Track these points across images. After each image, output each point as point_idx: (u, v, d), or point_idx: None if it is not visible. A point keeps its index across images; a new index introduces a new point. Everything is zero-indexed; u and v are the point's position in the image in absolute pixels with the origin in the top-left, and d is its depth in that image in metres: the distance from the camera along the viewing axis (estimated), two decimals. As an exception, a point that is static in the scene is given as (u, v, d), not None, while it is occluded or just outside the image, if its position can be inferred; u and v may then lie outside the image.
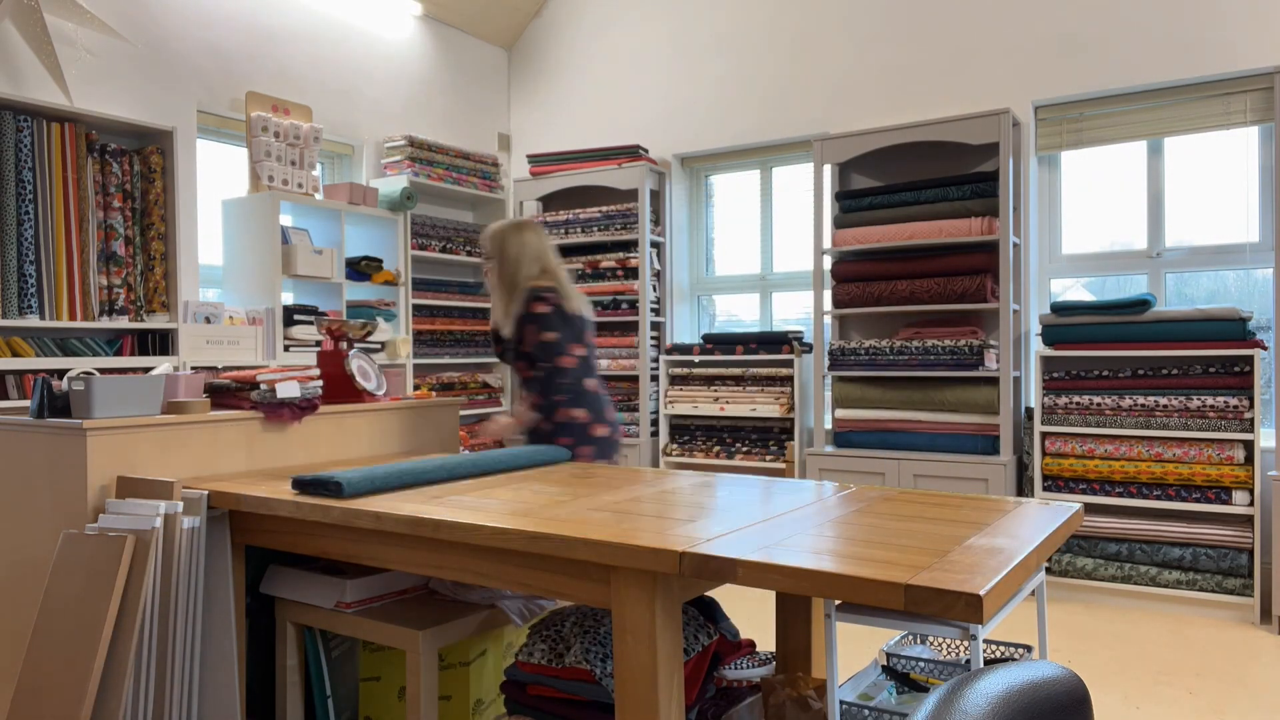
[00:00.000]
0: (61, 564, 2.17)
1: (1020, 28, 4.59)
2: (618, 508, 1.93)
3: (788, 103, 5.23)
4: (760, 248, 5.53)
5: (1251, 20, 4.07)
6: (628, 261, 5.45)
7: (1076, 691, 0.89)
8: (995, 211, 4.38)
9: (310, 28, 5.00)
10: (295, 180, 4.60)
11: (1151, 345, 4.07)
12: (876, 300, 4.64)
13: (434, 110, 5.77)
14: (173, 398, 2.57)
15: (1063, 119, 4.58)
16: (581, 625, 2.02)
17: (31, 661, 2.13)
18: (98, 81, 4.05)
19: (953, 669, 2.04)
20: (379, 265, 5.02)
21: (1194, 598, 3.96)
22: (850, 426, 4.73)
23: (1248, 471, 3.87)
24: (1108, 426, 4.14)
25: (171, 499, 2.19)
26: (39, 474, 2.33)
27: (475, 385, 5.65)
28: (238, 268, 4.48)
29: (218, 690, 2.26)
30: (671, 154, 5.65)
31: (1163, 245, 4.43)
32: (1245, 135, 4.25)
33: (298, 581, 2.38)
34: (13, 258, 3.53)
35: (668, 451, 5.30)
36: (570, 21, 6.02)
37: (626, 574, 1.63)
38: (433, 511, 1.89)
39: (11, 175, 3.53)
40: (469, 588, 2.34)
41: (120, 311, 3.84)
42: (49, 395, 2.38)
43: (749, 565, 1.48)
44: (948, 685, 0.82)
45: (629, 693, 1.64)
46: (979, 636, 1.59)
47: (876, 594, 1.36)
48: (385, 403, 3.00)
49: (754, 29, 5.34)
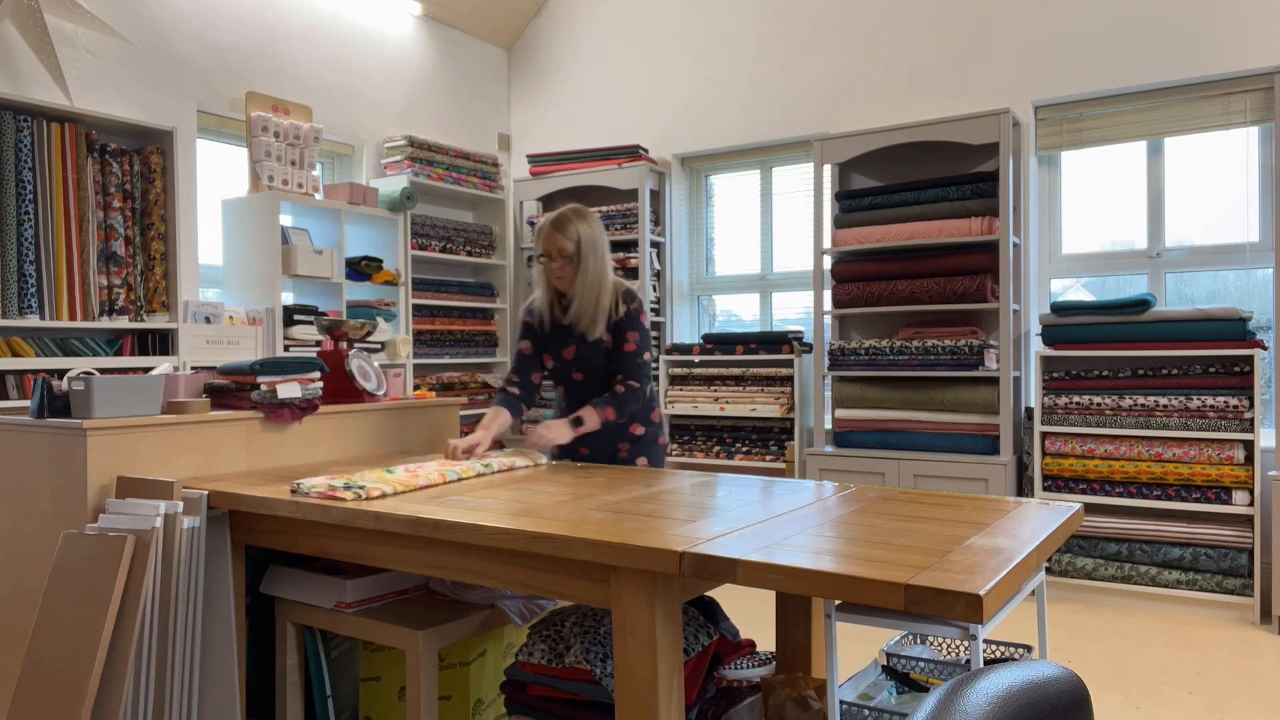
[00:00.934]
0: (61, 564, 2.17)
1: (1020, 28, 4.59)
2: (618, 508, 1.93)
3: (788, 103, 5.23)
4: (760, 248, 5.53)
5: (1251, 20, 4.07)
6: (628, 261, 5.45)
7: (1076, 691, 0.89)
8: (995, 211, 4.38)
9: (310, 28, 5.00)
10: (295, 180, 4.60)
11: (1151, 345, 4.07)
12: (876, 300, 4.64)
13: (434, 110, 5.77)
14: (173, 398, 2.57)
15: (1063, 119, 4.58)
16: (581, 625, 2.02)
17: (31, 661, 2.13)
18: (98, 81, 4.05)
19: (953, 669, 2.04)
20: (379, 265, 5.02)
21: (1194, 598, 3.96)
22: (850, 426, 4.73)
23: (1248, 471, 3.87)
24: (1108, 426, 4.14)
25: (171, 499, 2.19)
26: (39, 474, 2.33)
27: (475, 385, 5.65)
28: (238, 268, 4.48)
29: (218, 690, 2.26)
30: (671, 154, 5.65)
31: (1163, 245, 4.43)
32: (1245, 135, 4.25)
33: (298, 581, 2.38)
34: (13, 258, 3.53)
35: (668, 451, 5.31)
36: (570, 21, 6.02)
37: (626, 574, 1.63)
38: (433, 511, 1.89)
39: (11, 175, 3.54)
40: (469, 588, 2.34)
41: (120, 311, 3.84)
42: (49, 395, 2.38)
43: (749, 565, 1.48)
44: (948, 685, 0.82)
45: (629, 693, 1.64)
46: (979, 636, 1.59)
47: (876, 594, 1.36)
48: (385, 403, 3.00)
49: (754, 29, 5.34)
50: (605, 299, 2.73)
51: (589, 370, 2.79)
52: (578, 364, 2.80)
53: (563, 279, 2.74)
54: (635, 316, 2.76)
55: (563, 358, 2.82)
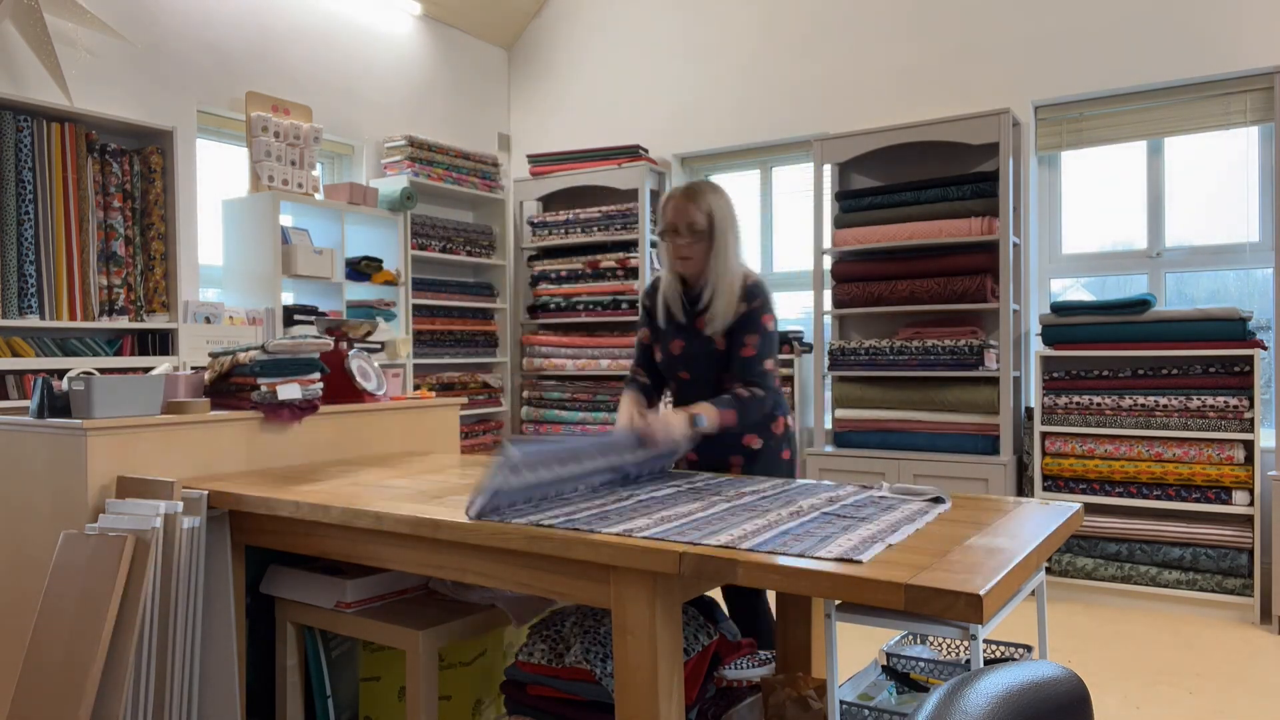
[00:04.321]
0: (61, 564, 2.17)
1: (1020, 28, 4.59)
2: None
3: (788, 102, 5.23)
4: (760, 248, 5.53)
5: (1251, 20, 4.07)
6: (628, 261, 5.45)
7: (1076, 691, 0.89)
8: (995, 211, 4.38)
9: (310, 28, 5.00)
10: (295, 180, 4.60)
11: (1151, 345, 4.07)
12: (876, 300, 4.64)
13: (434, 110, 5.77)
14: (173, 398, 2.57)
15: (1063, 119, 4.58)
16: (581, 625, 2.02)
17: (31, 661, 2.13)
18: (98, 81, 4.05)
19: (953, 669, 2.04)
20: (379, 265, 5.02)
21: (1194, 598, 3.96)
22: (850, 426, 4.73)
23: (1248, 471, 3.87)
24: (1108, 426, 4.14)
25: (171, 499, 2.19)
26: (39, 474, 2.33)
27: (475, 385, 5.65)
28: (238, 268, 4.48)
29: (218, 690, 2.26)
30: (671, 154, 5.65)
31: (1163, 245, 4.43)
32: (1245, 135, 4.25)
33: (298, 581, 2.38)
34: (13, 258, 3.53)
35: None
36: (570, 21, 6.02)
37: (626, 574, 1.63)
38: (433, 511, 1.89)
39: (11, 175, 3.53)
40: (469, 588, 2.34)
41: (120, 311, 3.84)
42: (49, 395, 2.38)
43: (749, 565, 1.48)
44: (948, 685, 0.82)
45: (629, 693, 1.64)
46: (979, 636, 1.59)
47: (876, 594, 1.36)
48: (385, 403, 3.00)
49: (754, 29, 5.34)
50: (737, 290, 2.40)
51: (697, 371, 2.46)
52: (685, 362, 2.47)
53: (690, 260, 2.40)
54: (757, 316, 2.40)
55: (670, 352, 2.50)
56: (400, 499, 2.05)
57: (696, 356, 2.45)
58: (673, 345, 2.49)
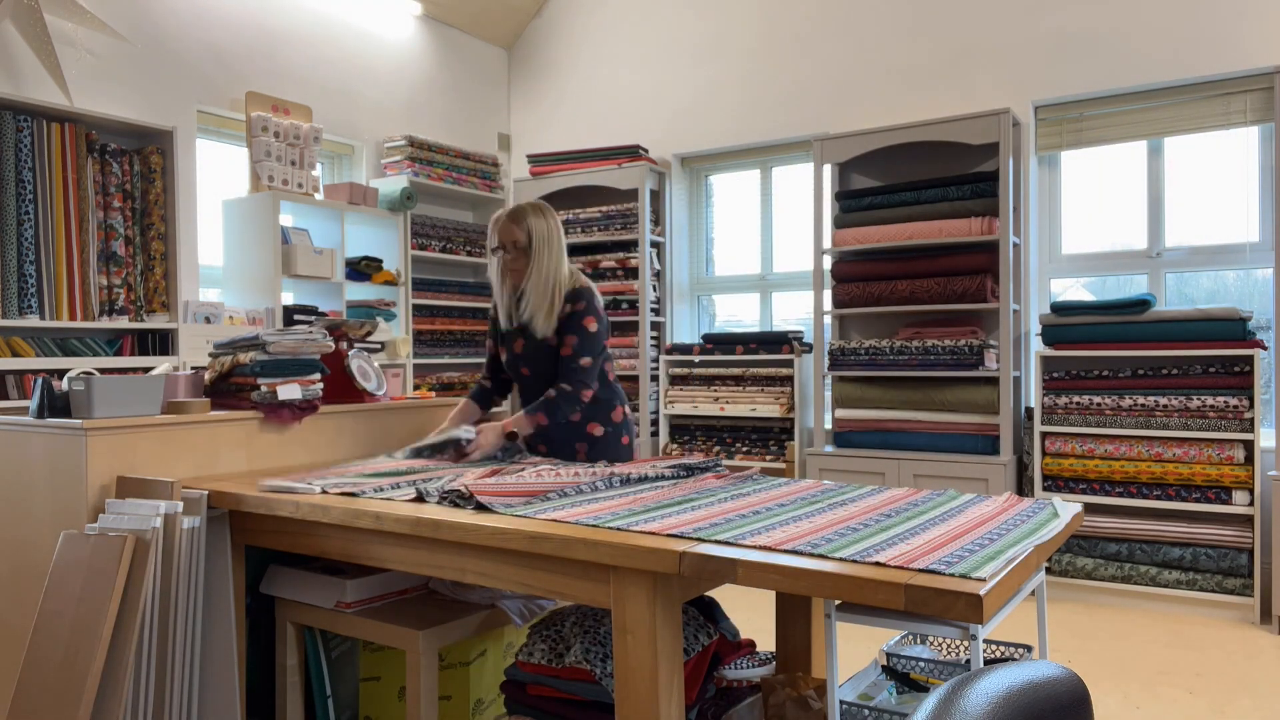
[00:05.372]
0: (61, 564, 2.17)
1: (1020, 28, 4.59)
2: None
3: (788, 103, 5.23)
4: (760, 248, 5.53)
5: (1251, 20, 4.07)
6: (628, 261, 5.45)
7: (1076, 691, 0.89)
8: (995, 211, 4.38)
9: (310, 28, 5.00)
10: (295, 180, 4.60)
11: (1151, 345, 4.07)
12: (876, 300, 4.64)
13: (434, 110, 5.77)
14: (173, 398, 2.57)
15: (1063, 119, 4.58)
16: (581, 625, 2.02)
17: (31, 661, 2.13)
18: (98, 81, 4.05)
19: (953, 669, 2.04)
20: (379, 265, 5.02)
21: (1194, 598, 3.95)
22: (850, 426, 4.73)
23: (1248, 471, 3.87)
24: (1108, 426, 4.14)
25: (171, 499, 2.19)
26: (39, 474, 2.33)
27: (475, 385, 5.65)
28: (238, 268, 4.48)
29: (218, 690, 2.26)
30: (671, 154, 5.65)
31: (1163, 245, 4.43)
32: (1245, 135, 4.25)
33: (298, 581, 2.38)
34: (13, 258, 3.53)
35: (668, 451, 5.30)
36: (570, 21, 6.02)
37: (626, 574, 1.63)
38: (433, 511, 1.89)
39: (11, 175, 3.53)
40: (469, 588, 2.34)
41: (120, 311, 3.84)
42: (49, 395, 2.38)
43: (749, 565, 1.48)
44: (948, 685, 0.82)
45: (629, 693, 1.64)
46: (979, 636, 1.59)
47: (876, 594, 1.36)
48: (385, 403, 3.00)
49: (754, 29, 5.34)
50: (557, 297, 2.72)
51: (535, 367, 2.79)
52: (524, 360, 2.81)
53: (516, 272, 2.76)
54: (579, 319, 2.71)
55: (513, 351, 2.85)
56: (400, 499, 2.05)
57: (534, 355, 2.78)
58: (515, 345, 2.84)
